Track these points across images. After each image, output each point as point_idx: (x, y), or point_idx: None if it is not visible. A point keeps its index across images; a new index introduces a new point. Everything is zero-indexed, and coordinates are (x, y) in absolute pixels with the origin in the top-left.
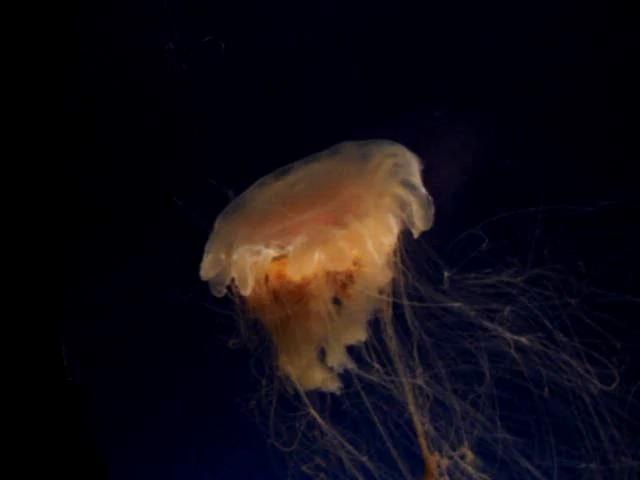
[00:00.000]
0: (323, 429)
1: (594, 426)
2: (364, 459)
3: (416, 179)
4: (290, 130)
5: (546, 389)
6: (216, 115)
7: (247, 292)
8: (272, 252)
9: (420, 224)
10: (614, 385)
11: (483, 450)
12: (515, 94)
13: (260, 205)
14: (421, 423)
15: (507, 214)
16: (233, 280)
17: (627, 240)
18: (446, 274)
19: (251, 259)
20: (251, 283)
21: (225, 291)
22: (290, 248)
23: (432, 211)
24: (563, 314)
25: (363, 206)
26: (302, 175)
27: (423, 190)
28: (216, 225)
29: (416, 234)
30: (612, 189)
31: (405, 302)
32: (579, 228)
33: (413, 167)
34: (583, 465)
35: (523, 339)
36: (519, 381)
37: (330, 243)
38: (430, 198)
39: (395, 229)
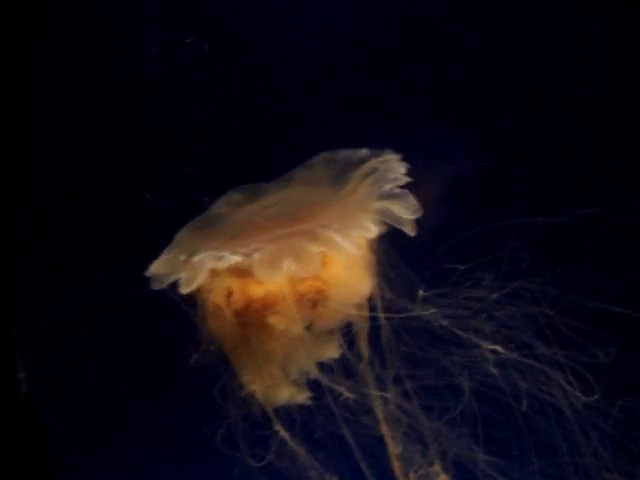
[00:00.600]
0: (294, 449)
1: (577, 441)
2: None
3: (398, 183)
4: (271, 138)
5: (525, 403)
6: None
7: (187, 290)
8: (236, 258)
9: (407, 222)
10: (596, 397)
11: (460, 471)
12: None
13: (230, 224)
14: (394, 442)
15: (482, 227)
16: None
17: (605, 248)
18: (421, 292)
19: (211, 264)
20: (197, 284)
21: (165, 285)
22: (256, 255)
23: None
24: (542, 325)
25: (340, 221)
26: (275, 199)
27: (406, 192)
28: (179, 235)
29: (409, 231)
30: (587, 198)
31: (380, 316)
32: (555, 238)
33: (395, 173)
34: None
35: (500, 349)
36: (498, 396)
37: (302, 253)
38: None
39: (373, 233)
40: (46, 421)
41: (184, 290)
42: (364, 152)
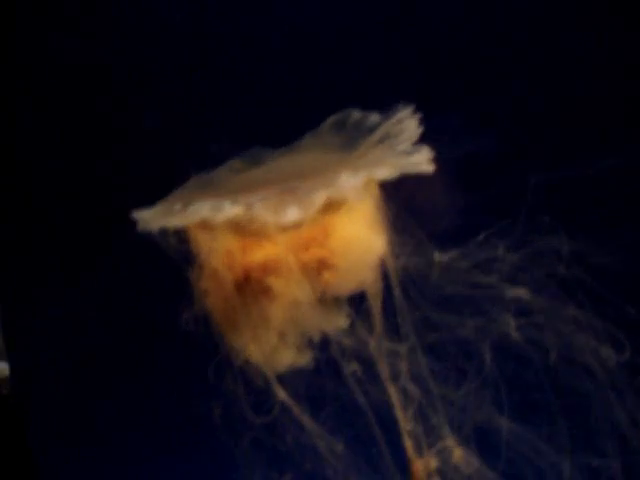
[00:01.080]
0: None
1: (610, 403)
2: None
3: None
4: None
5: (552, 355)
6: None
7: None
8: (236, 209)
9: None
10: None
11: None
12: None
13: (232, 183)
14: (406, 417)
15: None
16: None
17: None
18: (437, 255)
19: (208, 213)
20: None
21: (153, 228)
22: (259, 204)
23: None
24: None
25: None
26: (280, 164)
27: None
28: (174, 194)
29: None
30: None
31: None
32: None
33: (409, 132)
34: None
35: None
36: (522, 358)
37: (308, 199)
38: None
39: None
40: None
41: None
42: (375, 117)
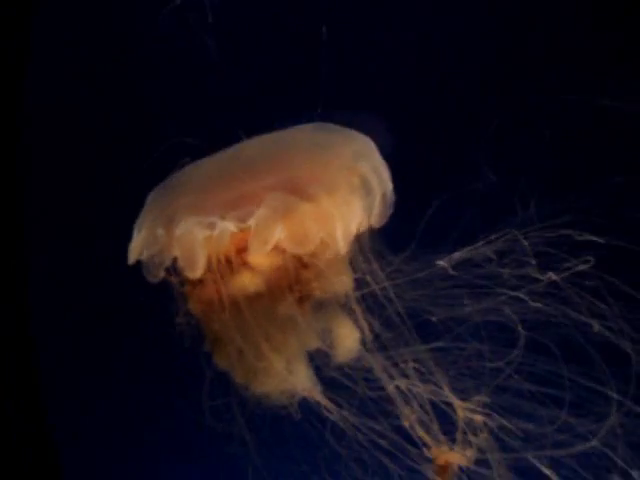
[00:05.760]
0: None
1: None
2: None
3: (383, 170)
4: None
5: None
6: None
7: (197, 273)
8: (230, 226)
9: (375, 219)
10: None
11: None
12: None
13: (203, 174)
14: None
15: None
16: (175, 260)
17: None
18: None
19: (201, 233)
20: (202, 263)
21: (163, 275)
22: (252, 222)
23: (390, 210)
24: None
25: (331, 177)
26: (249, 148)
27: (390, 184)
28: (148, 200)
29: (365, 228)
30: None
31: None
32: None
33: (378, 158)
34: None
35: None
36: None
37: (295, 217)
38: (393, 195)
39: (359, 217)
40: None
41: (191, 275)
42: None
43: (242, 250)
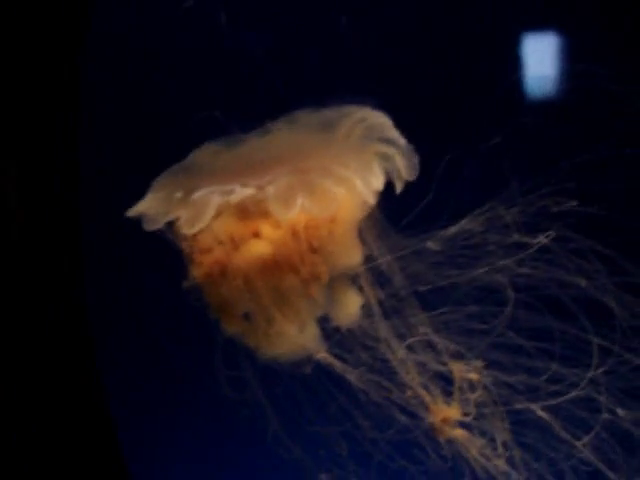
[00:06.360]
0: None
1: None
2: None
3: (393, 133)
4: None
5: None
6: None
7: (197, 228)
8: (250, 191)
9: (405, 174)
10: None
11: None
12: None
13: (219, 166)
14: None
15: None
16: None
17: None
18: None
19: (219, 198)
20: (204, 222)
21: (161, 225)
22: (271, 188)
23: (416, 159)
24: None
25: (344, 159)
26: (263, 143)
27: (403, 140)
28: (159, 181)
29: (399, 186)
30: None
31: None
32: None
33: (386, 124)
34: None
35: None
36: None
37: (316, 188)
38: (411, 147)
39: (381, 179)
40: None
41: (188, 230)
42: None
43: (254, 226)
